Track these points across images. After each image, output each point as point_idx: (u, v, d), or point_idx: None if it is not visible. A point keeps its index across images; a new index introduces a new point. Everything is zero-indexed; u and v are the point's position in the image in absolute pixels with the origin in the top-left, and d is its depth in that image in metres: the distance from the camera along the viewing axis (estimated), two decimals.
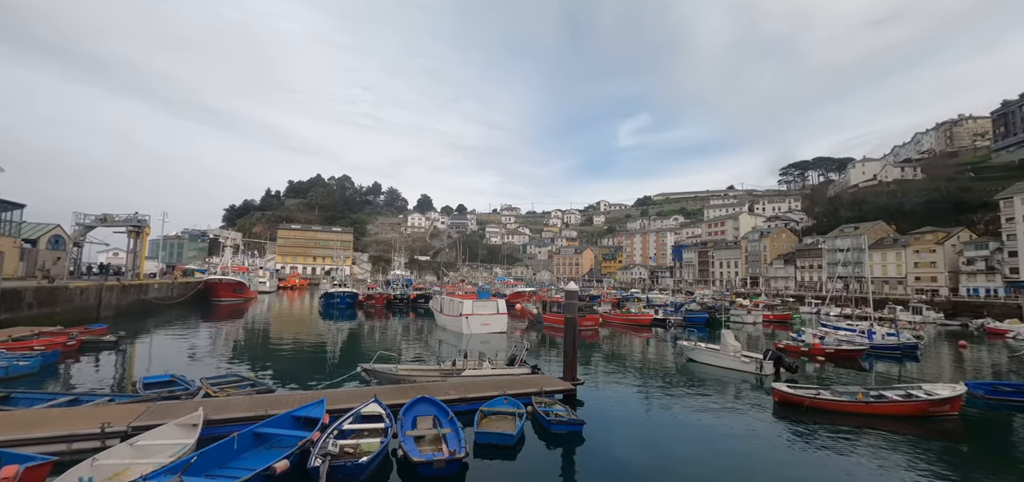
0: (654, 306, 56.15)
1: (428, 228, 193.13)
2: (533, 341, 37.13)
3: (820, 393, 17.96)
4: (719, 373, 24.03)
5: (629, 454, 13.55)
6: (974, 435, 15.97)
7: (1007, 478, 12.73)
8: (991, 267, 69.84)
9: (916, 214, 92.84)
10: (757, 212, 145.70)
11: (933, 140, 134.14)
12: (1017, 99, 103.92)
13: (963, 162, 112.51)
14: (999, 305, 59.17)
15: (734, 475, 12.46)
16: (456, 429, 12.81)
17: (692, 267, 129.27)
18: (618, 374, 24.78)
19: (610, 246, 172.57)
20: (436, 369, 20.47)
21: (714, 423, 16.68)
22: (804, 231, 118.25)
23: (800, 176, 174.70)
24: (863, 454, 13.90)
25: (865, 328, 35.15)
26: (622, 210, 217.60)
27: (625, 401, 19.40)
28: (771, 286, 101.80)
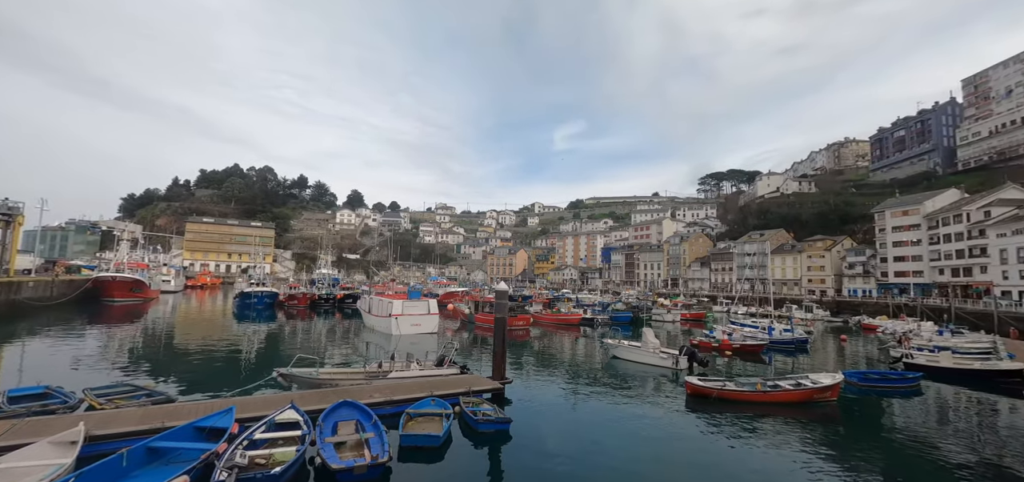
0: (583, 306, 58.21)
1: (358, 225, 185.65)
2: (464, 341, 36.96)
3: (726, 385, 19.61)
4: (640, 369, 25.42)
5: (555, 449, 13.91)
6: (849, 416, 18.25)
7: (874, 452, 14.74)
8: (867, 271, 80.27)
9: (810, 223, 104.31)
10: (678, 218, 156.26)
11: (825, 158, 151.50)
12: (889, 127, 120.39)
13: (848, 179, 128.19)
14: (872, 304, 68.14)
15: (651, 462, 13.26)
16: (380, 433, 12.41)
17: (619, 268, 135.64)
18: (547, 372, 25.37)
19: (543, 247, 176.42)
20: (361, 372, 19.72)
21: (634, 416, 17.61)
22: (718, 236, 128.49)
23: (716, 186, 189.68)
24: (761, 437, 15.38)
25: (766, 325, 38.91)
26: (556, 212, 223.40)
27: (552, 398, 19.90)
28: (689, 287, 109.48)
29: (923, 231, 71.96)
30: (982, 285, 60.13)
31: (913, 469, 13.59)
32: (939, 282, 67.59)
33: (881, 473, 13.10)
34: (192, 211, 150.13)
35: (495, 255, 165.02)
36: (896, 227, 75.89)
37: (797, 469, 12.93)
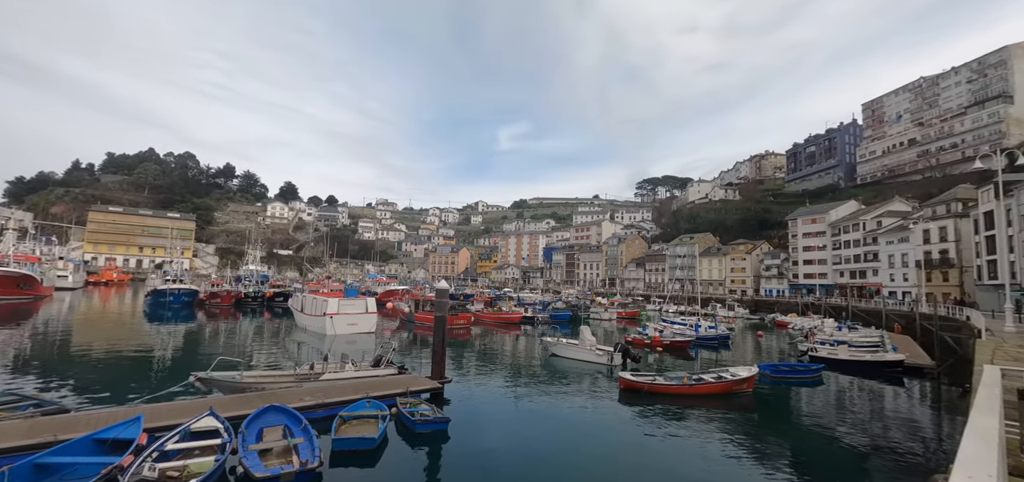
0: (524, 305, 58.99)
1: (292, 219, 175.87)
2: (403, 341, 36.20)
3: (656, 379, 20.71)
4: (578, 366, 26.18)
5: (493, 446, 14.00)
6: (763, 405, 19.92)
7: (784, 435, 16.26)
8: (781, 273, 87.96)
9: (734, 228, 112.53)
10: (617, 220, 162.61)
11: (748, 169, 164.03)
12: (802, 143, 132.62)
13: (767, 189, 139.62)
14: (785, 303, 74.75)
15: (586, 454, 13.72)
16: (310, 438, 11.85)
17: (561, 268, 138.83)
18: (487, 371, 25.44)
19: (486, 246, 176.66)
20: (291, 374, 18.72)
21: (571, 411, 18.14)
22: (653, 239, 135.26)
23: (652, 191, 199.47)
24: (687, 426, 16.40)
25: (693, 323, 41.50)
26: (499, 211, 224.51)
27: (492, 396, 20.01)
28: (625, 286, 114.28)
29: (827, 238, 79.99)
30: (874, 286, 67.89)
31: (815, 450, 15.13)
32: (840, 283, 75.44)
33: (789, 454, 14.46)
34: (96, 199, 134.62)
35: (437, 253, 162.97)
36: (806, 233, 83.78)
37: (718, 454, 13.93)
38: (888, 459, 14.53)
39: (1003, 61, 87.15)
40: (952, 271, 57.31)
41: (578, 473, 12.43)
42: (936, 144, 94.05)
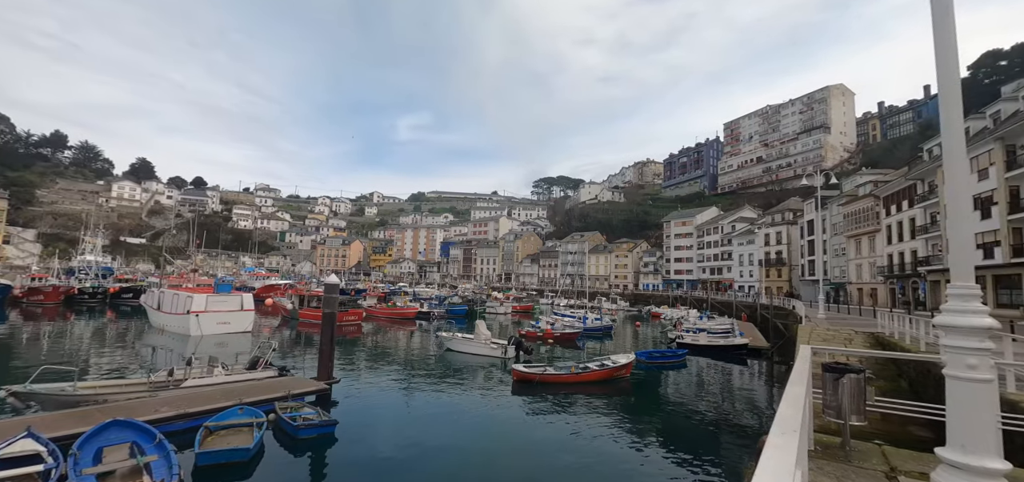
0: (420, 300, 57.92)
1: (146, 202, 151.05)
2: (286, 340, 33.39)
3: (547, 370, 21.79)
4: (473, 360, 26.46)
5: (385, 445, 13.57)
6: (639, 388, 22.06)
7: (655, 413, 18.22)
8: (656, 269, 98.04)
9: (619, 228, 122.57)
10: (514, 217, 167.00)
11: (632, 174, 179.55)
12: (677, 153, 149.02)
13: (647, 193, 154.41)
14: (659, 296, 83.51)
15: (480, 445, 13.96)
16: (167, 454, 10.35)
17: (458, 263, 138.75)
18: (379, 369, 24.54)
19: (381, 239, 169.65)
20: (143, 383, 16.17)
21: (465, 404, 18.29)
22: (547, 236, 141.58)
23: (548, 189, 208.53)
24: (574, 411, 17.52)
25: (581, 315, 44.39)
26: (396, 204, 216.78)
27: (384, 395, 19.38)
28: (520, 281, 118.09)
29: (694, 239, 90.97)
30: (727, 281, 78.90)
31: (680, 423, 17.21)
32: (702, 279, 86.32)
33: (659, 428, 16.24)
34: None
35: (327, 245, 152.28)
36: (677, 235, 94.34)
37: (600, 433, 15.13)
38: (733, 425, 17.10)
39: (824, 98, 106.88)
40: (784, 269, 68.91)
41: (471, 466, 12.60)
42: (776, 162, 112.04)
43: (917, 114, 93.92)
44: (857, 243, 51.52)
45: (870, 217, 49.16)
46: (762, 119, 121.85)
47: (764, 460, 1.62)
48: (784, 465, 1.59)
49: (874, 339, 17.99)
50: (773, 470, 1.53)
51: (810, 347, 5.47)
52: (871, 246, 48.94)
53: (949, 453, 3.68)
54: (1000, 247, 31.68)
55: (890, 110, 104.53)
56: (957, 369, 3.71)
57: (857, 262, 51.49)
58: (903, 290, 42.96)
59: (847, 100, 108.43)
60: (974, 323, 3.64)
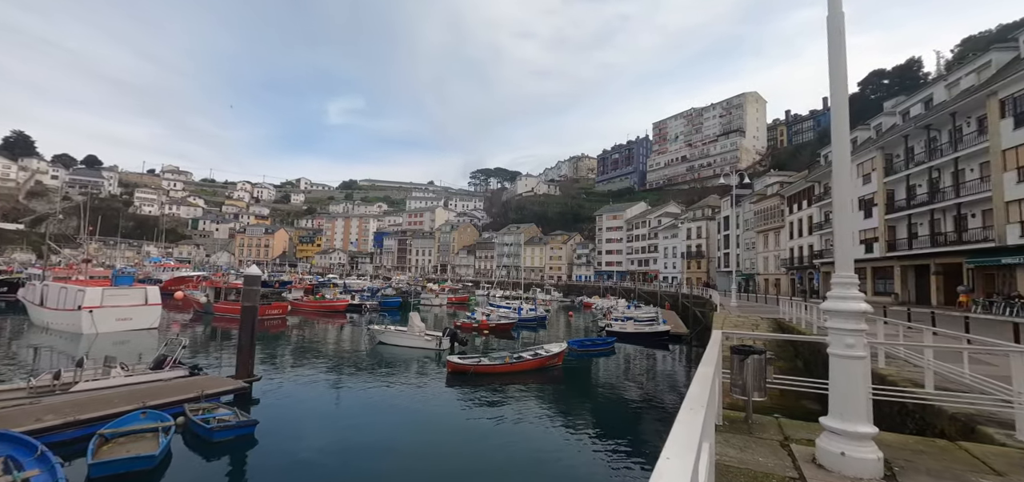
0: (351, 292, 55.72)
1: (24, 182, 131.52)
2: (199, 337, 30.80)
3: (482, 360, 21.92)
4: (406, 352, 25.96)
5: (312, 444, 12.96)
6: (570, 375, 22.85)
7: (585, 397, 19.02)
8: (589, 261, 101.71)
9: (554, 220, 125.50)
10: (451, 208, 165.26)
11: (567, 168, 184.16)
12: (610, 149, 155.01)
13: (582, 187, 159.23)
14: (591, 287, 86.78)
15: (412, 441, 13.73)
16: (51, 468, 9.16)
17: (392, 254, 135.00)
18: (306, 365, 23.36)
19: (309, 228, 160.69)
20: (20, 388, 14.19)
21: (398, 398, 17.94)
22: (484, 227, 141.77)
23: (485, 181, 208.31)
24: (508, 400, 17.79)
25: (516, 306, 45.05)
26: (325, 191, 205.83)
27: (312, 391, 18.49)
28: (456, 272, 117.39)
29: (624, 232, 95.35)
30: (653, 272, 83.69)
31: (608, 407, 18.07)
32: (631, 270, 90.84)
33: (589, 413, 16.95)
34: None
35: (248, 234, 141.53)
36: (609, 228, 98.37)
37: (534, 421, 15.50)
38: (656, 405, 18.26)
39: (741, 104, 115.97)
40: (703, 261, 74.33)
41: (403, 461, 12.39)
42: (698, 162, 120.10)
43: (817, 123, 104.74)
44: (765, 238, 56.73)
45: (776, 215, 54.30)
46: (687, 121, 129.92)
47: (673, 434, 1.75)
48: (690, 437, 1.72)
49: (776, 324, 19.98)
50: (680, 442, 1.65)
51: (721, 332, 5.96)
52: (776, 241, 54.11)
53: (830, 421, 4.20)
54: (878, 243, 36.35)
55: (795, 118, 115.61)
56: (838, 348, 4.23)
57: (764, 255, 56.73)
58: (801, 280, 47.96)
59: (760, 107, 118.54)
60: (852, 308, 4.17)
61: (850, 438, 4.01)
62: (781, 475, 3.99)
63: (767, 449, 4.61)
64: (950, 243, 29.14)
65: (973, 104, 27.71)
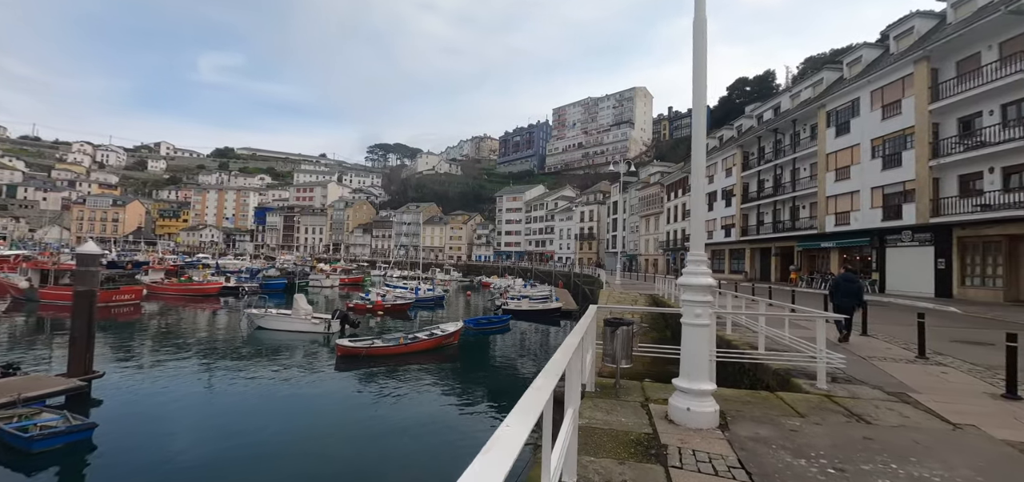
0: (226, 273, 49.94)
1: None
2: (21, 329, 25.45)
3: (374, 342, 21.16)
4: (290, 337, 24.07)
5: (170, 447, 11.44)
6: (466, 352, 23.09)
7: (480, 373, 19.45)
8: (489, 241, 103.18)
9: (455, 200, 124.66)
10: (345, 183, 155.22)
11: (470, 148, 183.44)
12: (511, 132, 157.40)
13: (483, 167, 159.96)
14: (491, 267, 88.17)
15: (297, 431, 12.82)
16: None
17: (277, 231, 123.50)
18: (167, 356, 20.53)
19: (172, 201, 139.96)
20: None
21: (280, 388, 16.59)
22: (381, 205, 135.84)
23: (383, 156, 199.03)
24: (403, 381, 17.45)
25: (413, 286, 44.16)
26: (194, 159, 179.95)
27: (172, 387, 16.28)
28: (351, 252, 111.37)
29: (523, 213, 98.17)
30: (550, 253, 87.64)
31: (500, 381, 18.63)
32: (529, 250, 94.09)
33: (483, 388, 17.31)
34: None
35: (88, 205, 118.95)
36: (508, 209, 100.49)
37: (430, 400, 15.43)
38: None
39: (632, 97, 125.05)
40: (594, 242, 79.59)
41: (285, 455, 11.52)
42: (593, 149, 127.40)
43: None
44: (647, 222, 62.37)
45: (657, 201, 59.88)
46: (584, 109, 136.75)
47: (520, 403, 1.78)
48: (534, 404, 1.77)
49: (652, 299, 22.13)
50: (523, 409, 1.68)
51: (595, 306, 6.39)
52: (656, 225, 59.79)
53: (680, 382, 4.75)
54: (734, 228, 41.99)
55: (676, 114, 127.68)
56: (688, 318, 4.77)
57: (646, 237, 62.44)
58: (675, 260, 53.71)
59: (648, 102, 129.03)
60: (701, 282, 4.72)
61: (695, 395, 4.57)
62: (638, 432, 4.40)
63: (630, 410, 5.06)
64: (786, 230, 34.70)
65: (808, 114, 33.03)
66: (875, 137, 26.25)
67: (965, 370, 7.39)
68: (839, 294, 9.91)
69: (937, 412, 5.21)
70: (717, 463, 3.74)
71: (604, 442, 4.14)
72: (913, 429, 4.68)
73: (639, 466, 3.67)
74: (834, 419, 4.92)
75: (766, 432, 4.47)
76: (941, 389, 6.24)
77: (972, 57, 21.40)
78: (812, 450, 4.04)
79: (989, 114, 20.63)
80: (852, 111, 28.30)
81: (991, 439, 4.45)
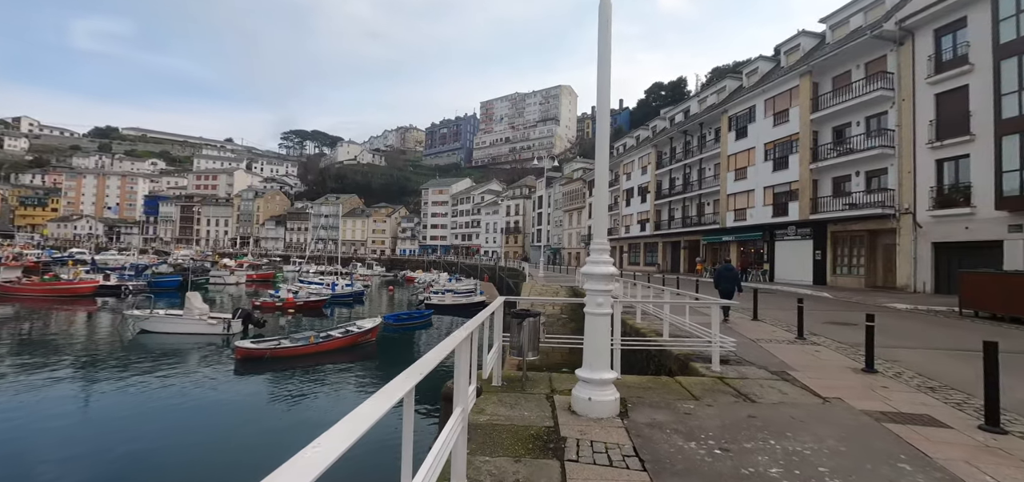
0: (105, 270, 43.69)
1: None
2: None
3: (281, 343, 19.55)
4: (182, 340, 21.52)
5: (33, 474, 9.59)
6: (384, 349, 22.14)
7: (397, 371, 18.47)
8: (414, 235, 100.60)
9: (378, 192, 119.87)
10: (255, 171, 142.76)
11: (395, 138, 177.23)
12: (439, 123, 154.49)
13: (409, 158, 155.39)
14: (415, 261, 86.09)
15: (189, 444, 11.42)
16: None
17: (173, 223, 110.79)
18: (19, 368, 17.40)
19: (37, 186, 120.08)
20: None
21: (170, 396, 14.75)
22: (297, 196, 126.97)
23: (300, 144, 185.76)
24: (315, 384, 16.29)
25: (330, 282, 41.74)
26: (68, 138, 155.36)
27: (21, 404, 13.79)
28: (261, 246, 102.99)
29: (449, 207, 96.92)
30: (476, 247, 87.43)
31: None
32: (455, 244, 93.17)
33: None
34: None
35: None
36: (434, 202, 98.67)
37: (341, 400, 14.51)
38: None
39: (558, 95, 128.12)
40: (520, 236, 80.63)
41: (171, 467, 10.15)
42: (520, 144, 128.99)
43: (614, 120, 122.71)
44: (570, 216, 64.28)
45: (579, 197, 61.87)
46: (511, 104, 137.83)
47: (356, 411, 1.46)
48: (368, 414, 1.46)
49: (572, 291, 22.71)
50: (351, 420, 1.36)
51: (502, 298, 6.21)
52: (579, 219, 61.80)
53: (583, 372, 4.68)
54: (649, 223, 44.52)
55: None
56: (591, 307, 4.71)
57: (569, 231, 64.36)
58: None
59: (573, 101, 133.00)
60: (603, 271, 4.68)
61: (596, 385, 4.52)
62: (539, 426, 4.26)
63: (534, 403, 4.92)
64: (694, 225, 37.42)
65: (713, 118, 35.77)
66: (768, 141, 29.03)
67: (834, 348, 8.23)
68: (722, 281, 11.37)
69: (811, 388, 5.67)
70: (613, 453, 3.68)
71: (503, 439, 3.94)
72: (791, 405, 5.02)
73: (535, 462, 3.51)
74: (724, 400, 5.15)
75: (662, 417, 4.53)
76: (815, 366, 6.86)
77: (844, 74, 24.34)
78: (702, 432, 4.14)
79: (856, 125, 23.61)
80: (749, 117, 31.06)
81: (853, 410, 4.88)
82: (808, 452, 3.77)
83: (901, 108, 21.21)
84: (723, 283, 11.26)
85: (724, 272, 11.64)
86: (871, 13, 24.28)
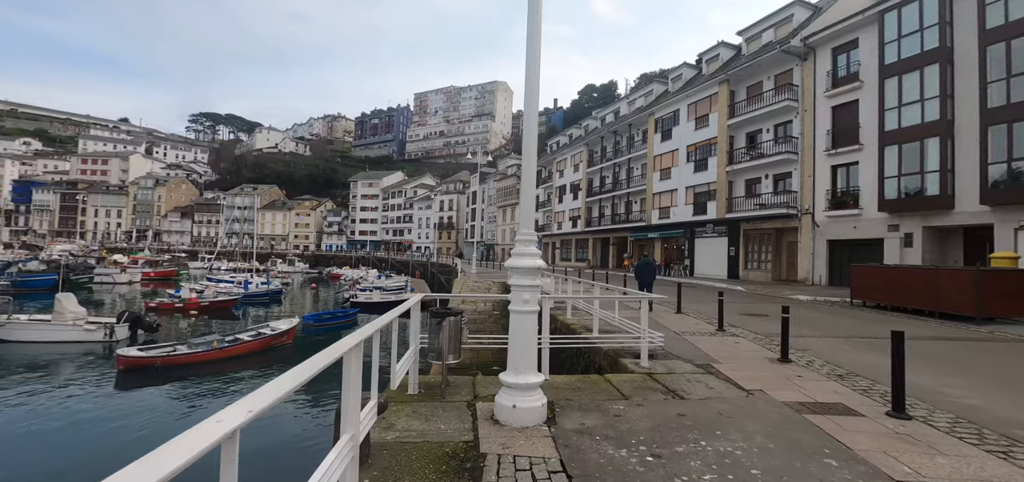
0: None
1: None
2: None
3: (176, 349, 17.30)
4: (50, 350, 18.35)
5: None
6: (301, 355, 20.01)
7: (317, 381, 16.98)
8: (341, 229, 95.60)
9: (302, 183, 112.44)
10: (157, 156, 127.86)
11: (321, 127, 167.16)
12: (369, 113, 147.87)
13: (337, 149, 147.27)
14: (343, 257, 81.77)
15: (54, 467, 9.49)
16: None
17: (50, 213, 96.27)
18: None
19: None
20: None
21: (30, 416, 12.37)
22: (207, 185, 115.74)
23: (211, 128, 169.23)
24: (215, 395, 14.45)
25: (243, 279, 38.23)
26: None
27: None
28: (164, 240, 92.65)
29: (380, 201, 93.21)
30: (408, 242, 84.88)
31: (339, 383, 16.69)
32: (386, 240, 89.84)
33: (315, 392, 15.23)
34: None
35: None
36: (364, 195, 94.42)
37: None
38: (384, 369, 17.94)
39: (493, 91, 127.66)
40: (453, 231, 79.41)
41: None
42: (454, 138, 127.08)
43: (548, 118, 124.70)
44: (504, 212, 64.28)
45: (514, 193, 61.99)
46: (447, 97, 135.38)
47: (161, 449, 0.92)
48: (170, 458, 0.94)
49: (504, 287, 22.40)
50: None
51: (420, 294, 5.60)
52: (513, 216, 61.94)
53: (507, 376, 4.18)
54: (580, 220, 45.51)
55: None
56: (516, 304, 4.26)
57: (503, 227, 64.35)
58: None
59: (508, 97, 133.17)
60: (529, 264, 4.23)
61: (521, 390, 4.07)
62: (457, 441, 3.73)
63: (453, 413, 4.38)
64: (622, 222, 38.74)
65: (641, 120, 37.18)
66: (690, 144, 30.64)
67: (751, 339, 8.51)
68: (642, 274, 12.00)
69: (735, 380, 5.65)
70: (537, 469, 3.24)
71: (412, 462, 3.37)
72: (718, 400, 4.92)
73: None
74: (654, 398, 4.94)
75: (592, 422, 4.19)
76: (736, 358, 6.95)
77: (757, 84, 26.20)
78: (633, 437, 3.84)
79: (767, 131, 25.51)
80: (674, 120, 32.62)
81: (775, 402, 4.86)
82: (739, 453, 3.58)
83: (804, 118, 23.18)
84: (643, 276, 11.90)
85: (644, 266, 12.46)
86: (780, 29, 26.32)
